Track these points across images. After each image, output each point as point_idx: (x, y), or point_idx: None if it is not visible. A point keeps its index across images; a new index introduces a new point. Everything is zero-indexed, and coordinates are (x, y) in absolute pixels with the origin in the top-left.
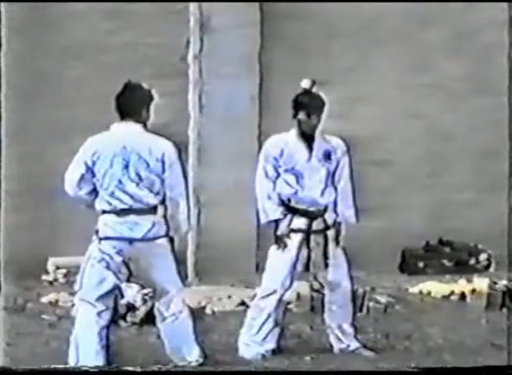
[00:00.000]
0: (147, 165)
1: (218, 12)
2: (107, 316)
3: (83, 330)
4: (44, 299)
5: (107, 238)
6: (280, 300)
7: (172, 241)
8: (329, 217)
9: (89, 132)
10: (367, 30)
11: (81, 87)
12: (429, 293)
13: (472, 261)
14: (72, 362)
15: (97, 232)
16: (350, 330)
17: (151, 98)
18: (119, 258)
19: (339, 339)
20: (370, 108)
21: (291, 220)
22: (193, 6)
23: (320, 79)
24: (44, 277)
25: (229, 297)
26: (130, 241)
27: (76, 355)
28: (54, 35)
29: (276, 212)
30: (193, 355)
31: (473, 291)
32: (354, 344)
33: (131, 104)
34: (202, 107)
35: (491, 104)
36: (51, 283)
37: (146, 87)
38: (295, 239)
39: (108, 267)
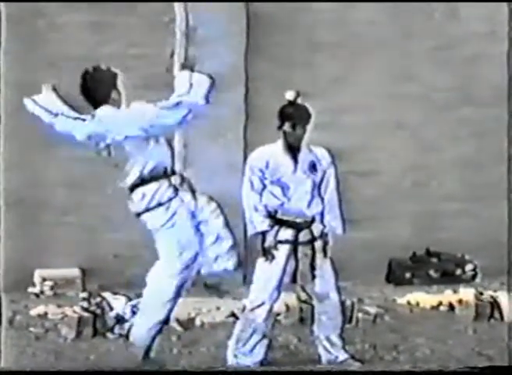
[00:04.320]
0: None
1: (203, 24)
2: None
3: None
4: (32, 312)
5: None
6: (269, 312)
7: None
8: (316, 228)
9: (76, 144)
10: (352, 41)
11: (67, 99)
12: (418, 304)
13: (458, 271)
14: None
15: None
16: (338, 341)
17: (115, 78)
18: None
19: (328, 350)
20: (355, 119)
21: (278, 232)
22: (179, 18)
23: (305, 90)
24: (30, 289)
25: (218, 308)
26: None
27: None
28: (39, 47)
29: (263, 223)
30: None
31: (460, 301)
32: (343, 356)
33: (99, 89)
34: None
35: (476, 115)
36: (37, 295)
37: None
38: (282, 251)
39: None
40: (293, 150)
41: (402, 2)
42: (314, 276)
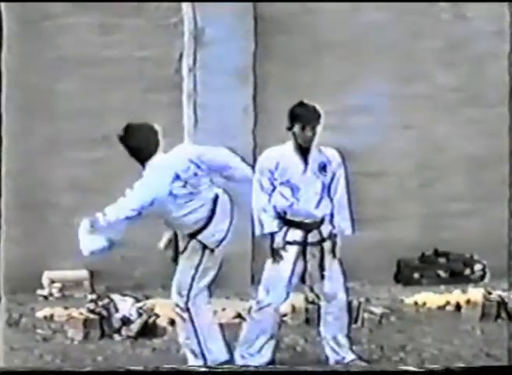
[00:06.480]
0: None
1: (211, 25)
2: None
3: None
4: (39, 314)
5: None
6: (276, 312)
7: None
8: (325, 229)
9: (82, 146)
10: (359, 41)
11: (74, 101)
12: (425, 304)
13: (467, 271)
14: None
15: None
16: (345, 341)
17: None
18: None
19: (335, 351)
20: (363, 120)
21: (286, 233)
22: (187, 19)
23: (314, 91)
24: (38, 292)
25: (224, 309)
26: None
27: None
28: (46, 49)
29: (272, 224)
30: None
31: (468, 301)
32: (350, 356)
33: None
34: (197, 120)
35: (483, 114)
36: (45, 297)
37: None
38: (291, 251)
39: None
40: (302, 151)
41: (408, 3)
42: (323, 277)
